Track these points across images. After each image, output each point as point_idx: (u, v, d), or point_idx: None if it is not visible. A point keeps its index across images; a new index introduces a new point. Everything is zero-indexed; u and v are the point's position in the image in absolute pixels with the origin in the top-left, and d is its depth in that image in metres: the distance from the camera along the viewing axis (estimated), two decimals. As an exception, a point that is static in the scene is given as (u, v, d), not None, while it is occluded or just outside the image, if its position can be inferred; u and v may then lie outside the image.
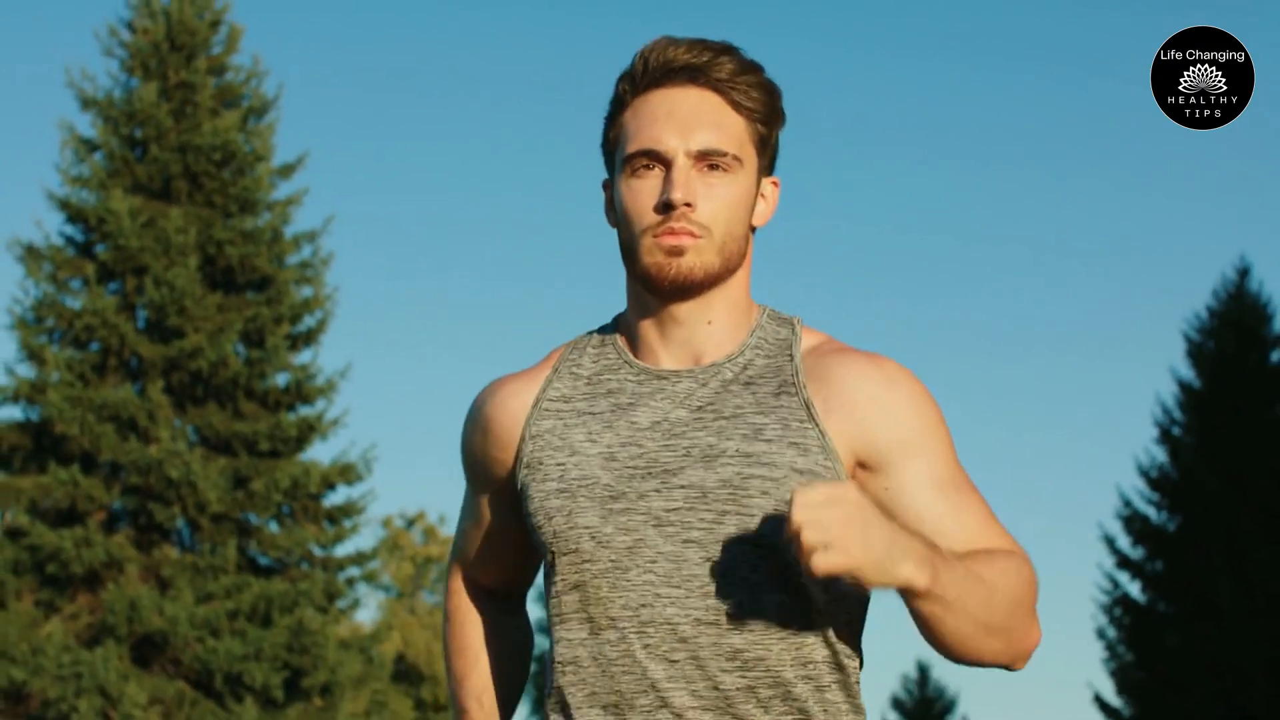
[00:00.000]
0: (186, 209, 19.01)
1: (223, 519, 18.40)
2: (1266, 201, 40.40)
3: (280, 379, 19.15)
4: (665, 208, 2.10)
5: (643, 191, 2.12)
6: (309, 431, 18.96)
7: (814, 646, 2.11)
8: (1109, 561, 24.06)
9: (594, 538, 2.12)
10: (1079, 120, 42.06)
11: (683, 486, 2.10)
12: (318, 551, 19.10)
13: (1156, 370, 37.47)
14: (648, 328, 2.19)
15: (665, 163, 2.13)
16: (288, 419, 18.86)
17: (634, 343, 2.22)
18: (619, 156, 2.17)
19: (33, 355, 18.63)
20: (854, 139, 43.65)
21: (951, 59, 43.65)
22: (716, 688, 2.08)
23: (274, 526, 18.94)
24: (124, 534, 18.39)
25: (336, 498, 19.39)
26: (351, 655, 18.72)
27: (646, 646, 2.09)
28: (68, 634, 17.80)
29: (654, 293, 2.15)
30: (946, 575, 1.99)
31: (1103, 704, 23.87)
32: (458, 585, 2.39)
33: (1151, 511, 24.16)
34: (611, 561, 2.11)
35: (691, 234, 2.10)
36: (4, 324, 18.97)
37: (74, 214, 19.10)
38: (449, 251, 42.87)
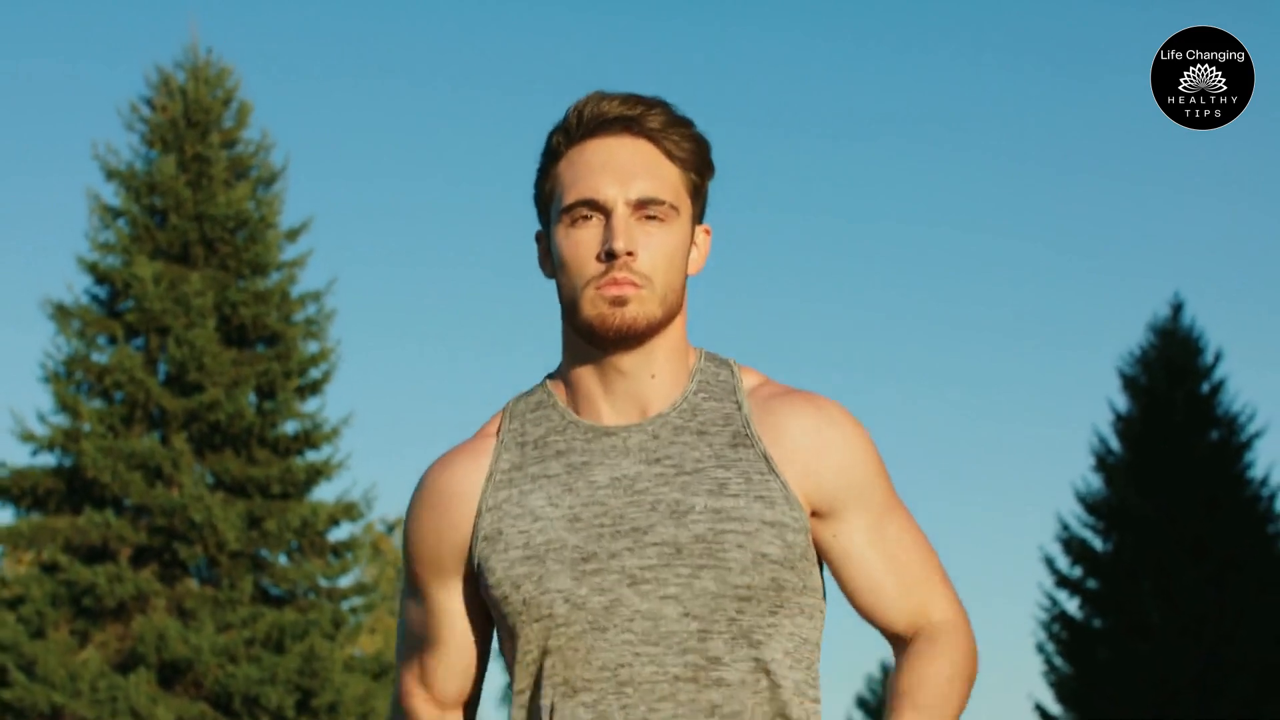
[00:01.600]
0: (204, 272, 20.82)
1: (239, 555, 20.22)
2: (1201, 241, 41.78)
3: (290, 427, 20.96)
4: (609, 256, 2.10)
5: (583, 242, 2.12)
6: (316, 475, 20.80)
7: (785, 699, 2.11)
8: (1049, 581, 25.80)
9: (568, 600, 2.09)
10: (1077, 122, 42.94)
11: (655, 544, 2.09)
12: (324, 583, 20.95)
13: (1095, 402, 39.09)
14: (590, 382, 2.17)
15: (605, 212, 2.12)
16: (297, 464, 20.69)
17: (575, 399, 2.19)
18: (555, 208, 2.16)
19: (66, 407, 20.40)
20: (808, 143, 44.55)
21: (945, 56, 44.71)
22: None
23: (285, 561, 20.76)
24: (151, 570, 20.15)
25: (340, 533, 21.27)
26: (355, 677, 20.57)
27: (624, 707, 2.08)
28: (102, 661, 19.63)
29: (597, 344, 2.14)
30: None
31: (1044, 713, 25.72)
32: (413, 703, 2.27)
33: (1088, 535, 25.86)
34: (589, 623, 2.09)
35: (634, 284, 2.10)
36: (38, 377, 20.78)
37: (101, 277, 20.87)
38: (441, 310, 44.74)
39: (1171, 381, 26.03)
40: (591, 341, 2.14)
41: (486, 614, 2.20)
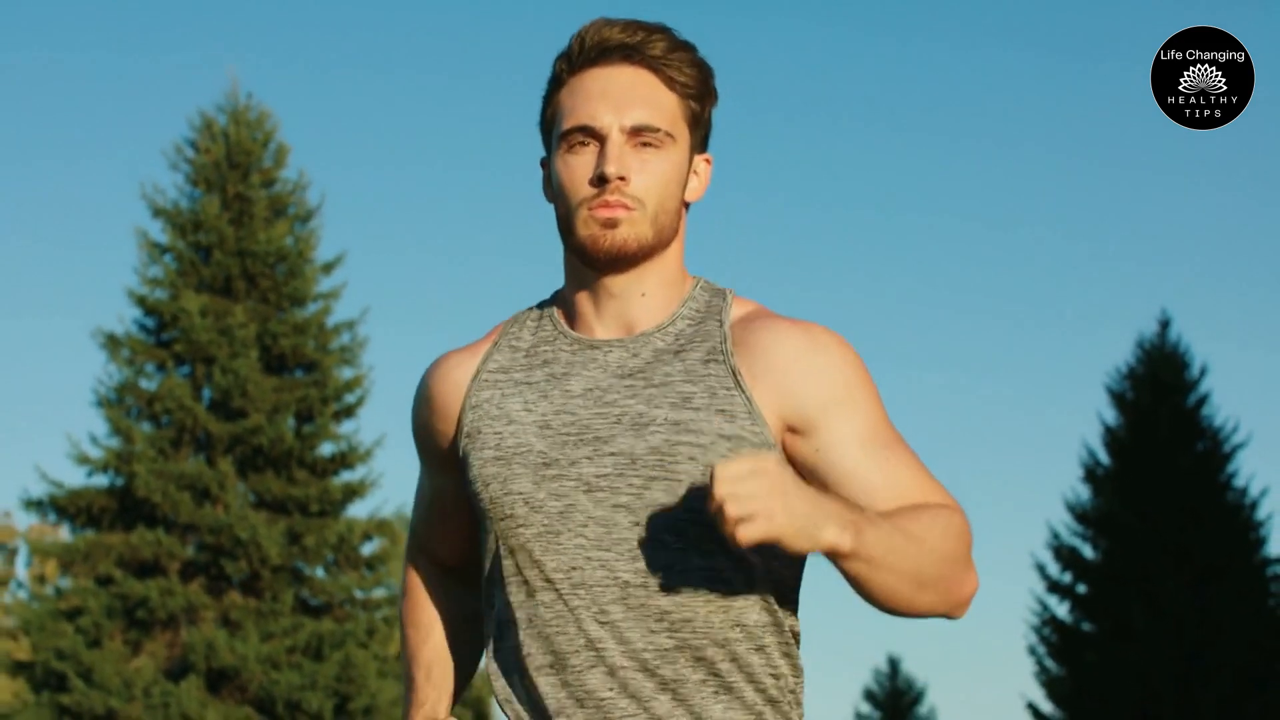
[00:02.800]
0: (246, 305, 22.25)
1: (280, 569, 21.65)
2: (1191, 253, 42.43)
3: (327, 449, 22.39)
4: (600, 181, 2.13)
5: (578, 166, 2.16)
6: (351, 494, 22.25)
7: (744, 610, 2.14)
8: (1040, 586, 27.13)
9: (527, 503, 2.15)
10: (1077, 122, 42.81)
11: (613, 454, 2.13)
12: (359, 595, 22.40)
13: (1085, 416, 40.15)
14: (583, 299, 2.22)
15: (600, 138, 2.16)
16: (334, 484, 22.14)
17: (570, 315, 2.25)
18: (555, 133, 2.20)
19: (119, 431, 21.84)
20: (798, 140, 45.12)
21: (944, 56, 44.67)
22: (647, 647, 2.12)
23: (323, 574, 22.22)
24: (198, 583, 21.58)
25: (374, 548, 22.70)
26: (389, 682, 22.03)
27: (579, 607, 2.13)
28: (154, 668, 21.09)
29: (589, 264, 2.19)
30: (871, 534, 1.99)
31: (1036, 712, 27.08)
32: (413, 560, 2.43)
33: (1078, 543, 27.18)
34: (544, 526, 2.14)
35: (625, 206, 2.14)
36: (91, 402, 22.24)
37: (150, 309, 22.30)
38: (468, 338, 45.95)
39: (1157, 397, 27.29)
40: (585, 262, 2.19)
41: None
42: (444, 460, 2.29)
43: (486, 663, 2.26)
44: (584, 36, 2.18)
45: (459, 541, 2.37)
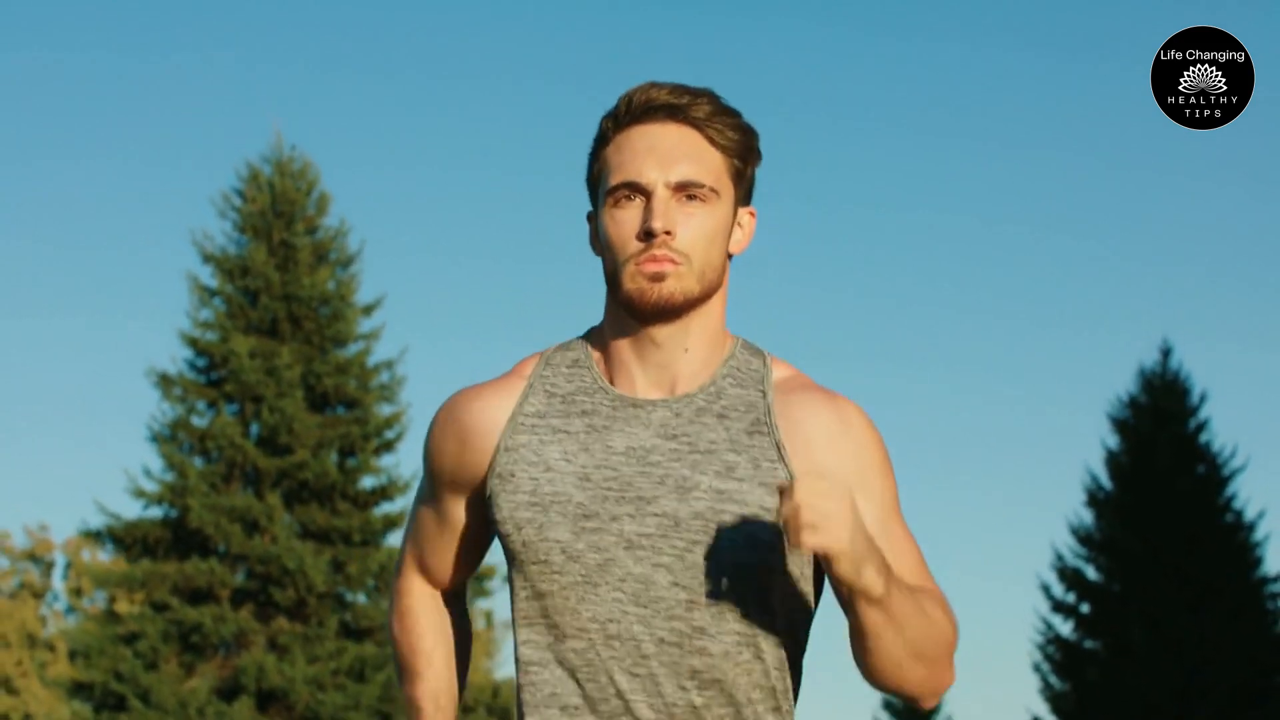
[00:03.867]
0: (291, 346, 23.59)
1: (325, 596, 22.96)
2: (1188, 283, 42.47)
3: (368, 482, 23.71)
4: (647, 236, 2.18)
5: (625, 221, 2.20)
6: (391, 524, 23.57)
7: (768, 673, 2.21)
8: (1045, 606, 28.09)
9: (564, 552, 2.18)
10: (1076, 122, 42.31)
11: (656, 514, 2.17)
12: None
13: (1089, 442, 40.89)
14: (626, 351, 2.26)
15: (646, 194, 2.20)
16: (375, 515, 23.48)
17: (609, 365, 2.28)
18: (602, 189, 2.24)
19: (173, 466, 23.23)
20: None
21: (941, 55, 43.94)
22: (676, 703, 2.17)
23: (365, 601, 23.54)
24: (248, 610, 22.87)
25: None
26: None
27: (613, 658, 2.17)
28: (207, 690, 22.44)
29: (636, 317, 2.22)
30: (897, 593, 2.10)
31: None
32: (411, 584, 2.42)
33: (1081, 564, 28.11)
34: (581, 576, 2.18)
35: (672, 260, 2.18)
36: (145, 437, 23.60)
37: (200, 350, 23.63)
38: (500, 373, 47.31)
39: (1157, 424, 28.26)
40: (631, 314, 2.22)
41: (484, 529, 2.33)
42: (463, 491, 2.31)
43: (516, 695, 2.26)
44: (631, 97, 2.24)
45: (461, 565, 2.39)
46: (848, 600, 2.12)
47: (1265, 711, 26.61)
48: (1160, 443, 28.15)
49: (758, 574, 2.19)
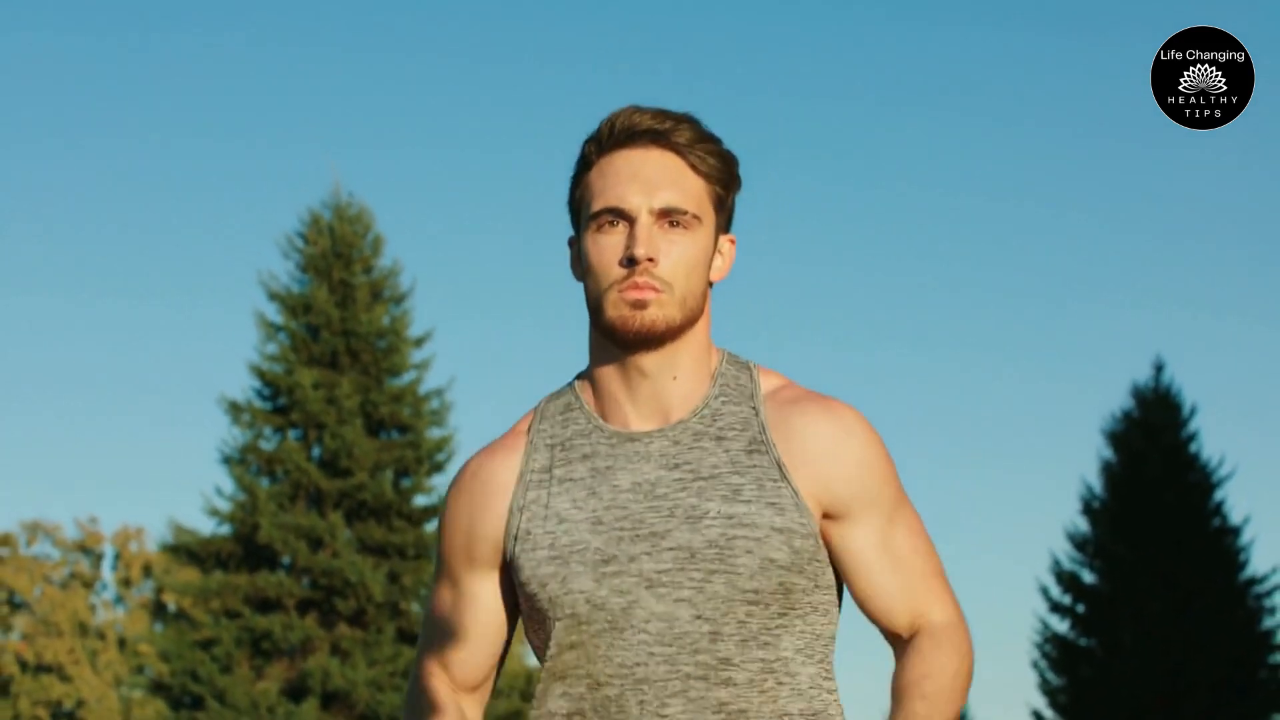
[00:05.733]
0: (350, 377, 25.65)
1: (383, 605, 24.84)
2: (1180, 299, 43.26)
3: (421, 501, 25.66)
4: (629, 262, 2.16)
5: (607, 247, 2.19)
6: (442, 539, 25.74)
7: (793, 698, 2.19)
8: (1043, 607, 29.85)
9: (589, 601, 2.18)
10: (1076, 121, 42.73)
11: (671, 549, 2.16)
12: (449, 625, 25.89)
13: (1085, 455, 42.16)
14: (614, 383, 2.24)
15: (629, 219, 2.19)
16: (427, 531, 25.45)
17: (601, 402, 2.26)
18: (585, 214, 2.23)
19: (243, 487, 25.40)
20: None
21: (939, 55, 44.20)
22: None
23: (418, 609, 25.69)
24: (313, 618, 24.78)
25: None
26: (475, 700, 25.53)
27: (641, 702, 2.16)
28: (276, 691, 24.63)
29: (619, 345, 2.21)
30: None
31: (1039, 718, 29.72)
32: (430, 685, 2.34)
33: (1077, 568, 29.89)
34: (608, 623, 2.17)
35: (654, 288, 2.17)
36: (216, 460, 25.79)
37: (267, 380, 25.63)
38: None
39: (1149, 438, 29.95)
40: (614, 342, 2.21)
41: (511, 607, 2.30)
42: (483, 565, 2.28)
43: None
44: (614, 121, 2.23)
45: (486, 655, 2.32)
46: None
47: (1247, 705, 28.43)
48: (1152, 455, 29.69)
49: (777, 596, 2.18)
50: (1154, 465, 29.82)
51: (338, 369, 25.93)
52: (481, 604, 2.31)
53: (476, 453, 2.34)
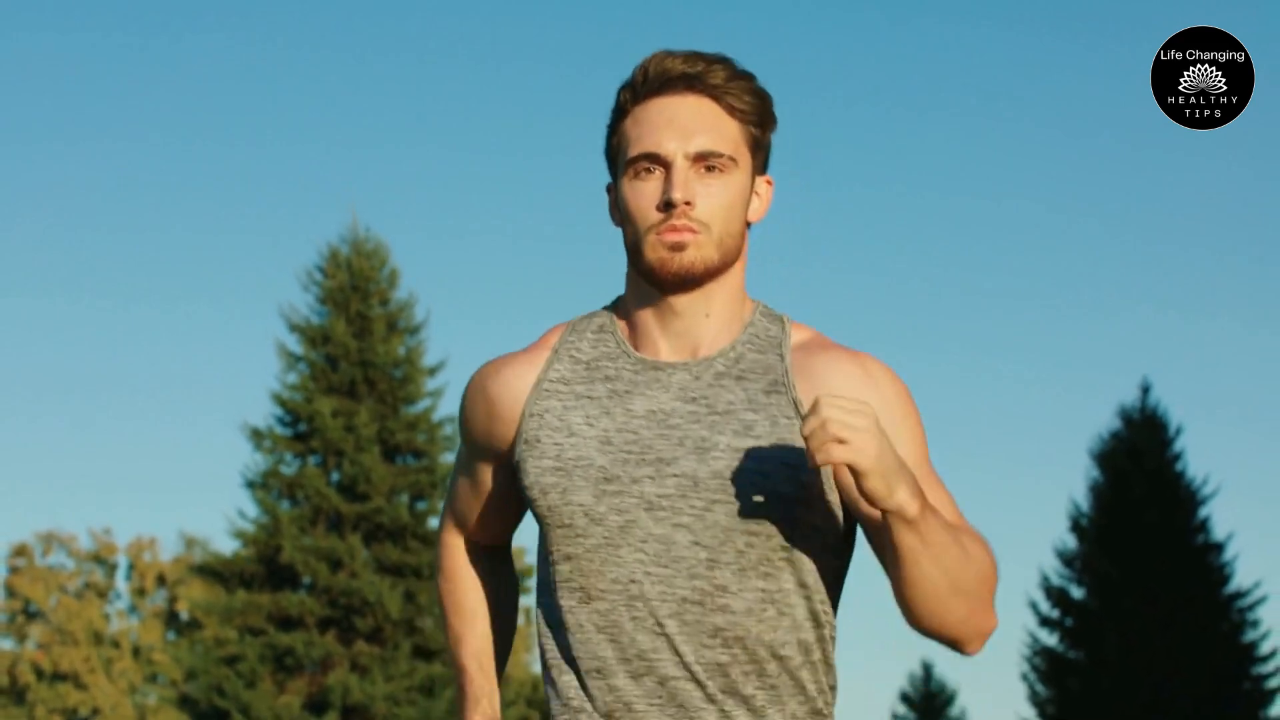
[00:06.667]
0: (367, 405, 26.53)
1: (400, 623, 25.64)
2: (1170, 310, 43.73)
3: (435, 523, 26.34)
4: (667, 206, 2.18)
5: (645, 193, 2.21)
6: (456, 560, 26.76)
7: (796, 628, 2.20)
8: (1033, 621, 30.97)
9: (587, 515, 2.20)
10: (1076, 121, 42.99)
11: (675, 475, 2.18)
12: (463, 642, 26.87)
13: (1074, 475, 42.23)
14: (648, 318, 2.26)
15: (665, 165, 2.20)
16: (442, 552, 26.72)
17: (633, 332, 2.29)
18: (621, 160, 2.25)
19: (266, 510, 26.37)
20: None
21: (938, 55, 44.76)
22: (699, 660, 2.17)
23: (433, 626, 26.72)
24: (333, 635, 25.57)
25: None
26: (487, 713, 26.54)
27: (634, 618, 2.18)
28: (298, 705, 25.66)
29: (657, 286, 2.23)
30: (932, 517, 2.07)
31: None
32: (452, 542, 2.45)
33: (1066, 584, 30.89)
34: (604, 538, 2.19)
35: (691, 230, 2.18)
36: (239, 484, 26.81)
37: (288, 408, 26.52)
38: None
39: (1135, 459, 30.90)
40: (652, 284, 2.23)
41: (519, 490, 2.34)
42: (495, 459, 2.35)
43: (540, 658, 2.28)
44: (647, 67, 2.23)
45: (502, 523, 2.42)
46: (882, 528, 2.11)
47: (1230, 715, 29.28)
48: (1138, 475, 30.61)
49: (779, 529, 2.18)
50: (1140, 485, 30.68)
51: (355, 397, 26.88)
52: (494, 486, 2.40)
53: (495, 359, 2.37)
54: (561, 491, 2.22)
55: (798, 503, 2.20)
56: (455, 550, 2.47)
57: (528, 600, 37.41)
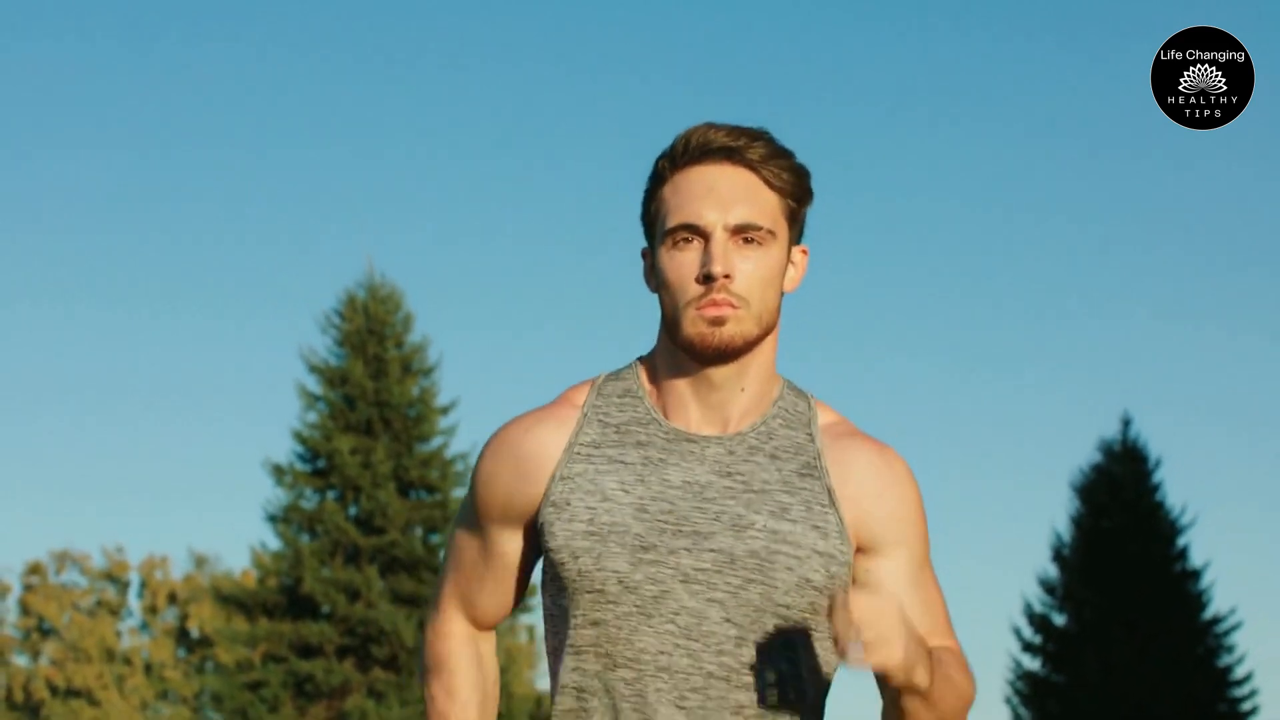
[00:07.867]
0: (383, 443, 27.65)
1: (415, 651, 26.48)
2: (1148, 361, 43.74)
3: (448, 555, 28.21)
4: (706, 279, 2.18)
5: (684, 264, 2.20)
6: (467, 591, 27.96)
7: (806, 712, 2.23)
8: (1015, 647, 31.59)
9: (621, 582, 2.18)
10: (1076, 122, 42.59)
11: (713, 550, 2.18)
12: (475, 669, 28.09)
13: (1056, 505, 43.08)
14: (682, 388, 2.26)
15: (704, 236, 2.20)
16: (454, 583, 27.96)
17: (663, 399, 2.28)
18: (660, 229, 2.24)
19: (287, 543, 27.50)
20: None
21: (937, 55, 44.57)
22: None
23: (446, 654, 28.06)
24: (350, 662, 26.50)
25: (486, 631, 28.37)
26: (497, 736, 27.81)
27: (659, 690, 2.17)
28: (319, 730, 27.04)
29: (696, 359, 2.23)
30: (937, 675, 2.13)
31: None
32: (451, 626, 2.38)
33: (1047, 611, 31.56)
34: (636, 607, 2.18)
35: (731, 305, 2.18)
36: (261, 518, 28.16)
37: (308, 446, 27.68)
38: None
39: (1115, 490, 31.58)
40: (692, 356, 2.23)
41: (531, 559, 2.31)
42: (513, 522, 2.30)
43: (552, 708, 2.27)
44: (689, 138, 2.24)
45: (504, 600, 2.36)
46: (892, 690, 2.16)
47: (1205, 738, 30.11)
48: (1117, 506, 31.36)
49: (806, 615, 2.21)
50: (1119, 516, 31.36)
51: (372, 435, 28.03)
52: (505, 557, 2.34)
53: (524, 414, 2.33)
54: (596, 557, 2.20)
55: (825, 591, 2.23)
56: (453, 636, 2.39)
57: (528, 618, 38.92)
